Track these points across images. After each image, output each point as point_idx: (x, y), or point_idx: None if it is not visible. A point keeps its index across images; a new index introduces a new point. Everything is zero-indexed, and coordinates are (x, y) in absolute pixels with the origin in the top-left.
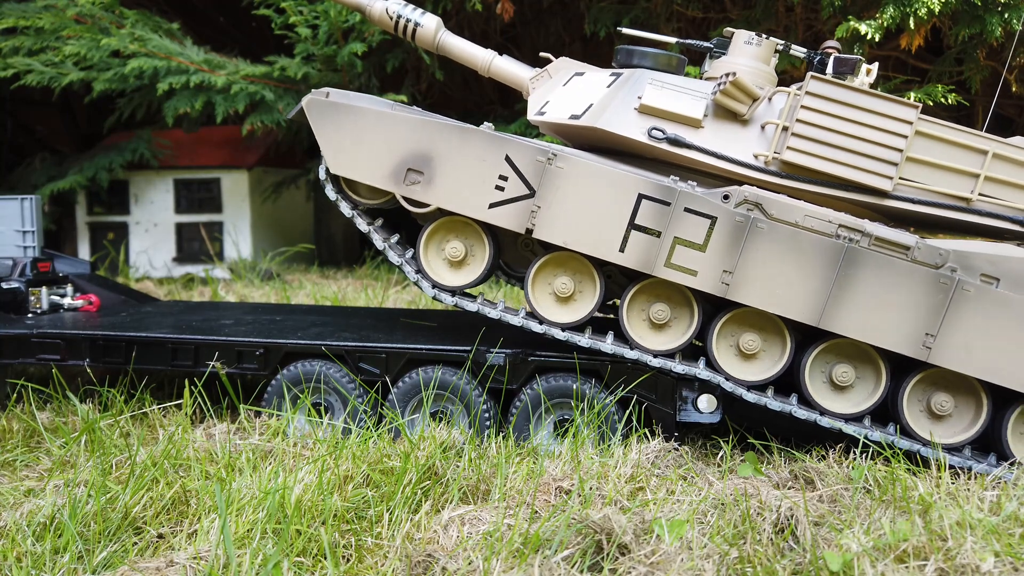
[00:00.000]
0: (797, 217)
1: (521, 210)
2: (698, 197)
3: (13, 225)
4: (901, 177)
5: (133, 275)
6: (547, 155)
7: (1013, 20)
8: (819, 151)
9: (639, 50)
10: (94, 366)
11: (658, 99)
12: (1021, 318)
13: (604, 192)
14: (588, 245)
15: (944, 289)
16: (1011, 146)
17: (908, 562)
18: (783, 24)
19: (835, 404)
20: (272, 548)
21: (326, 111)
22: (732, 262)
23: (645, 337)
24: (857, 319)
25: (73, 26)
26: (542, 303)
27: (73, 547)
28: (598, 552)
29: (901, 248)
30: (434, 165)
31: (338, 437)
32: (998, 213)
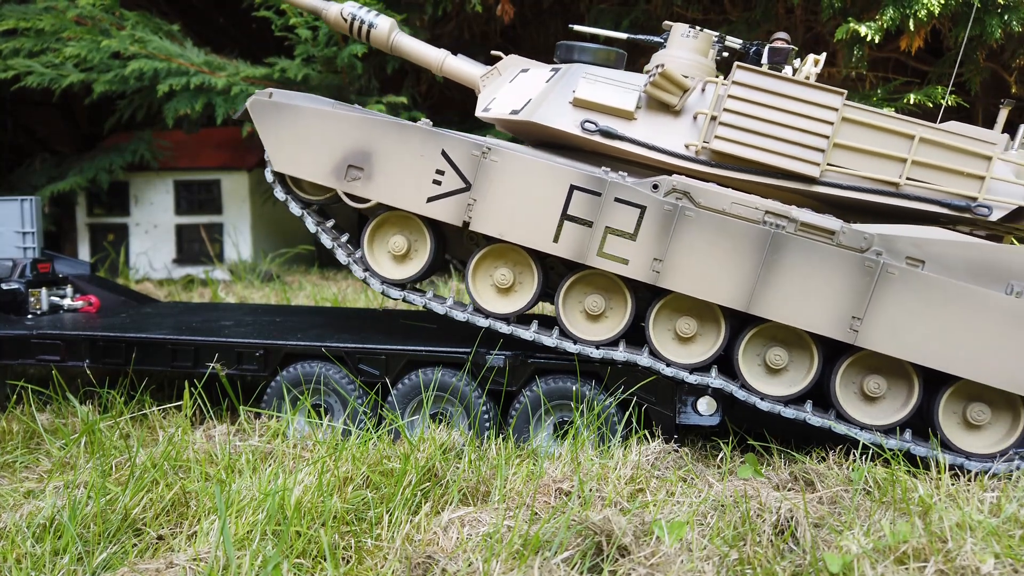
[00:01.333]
0: (724, 204)
1: (458, 203)
2: (628, 187)
3: (13, 226)
4: (829, 163)
5: (133, 276)
6: (482, 149)
7: (1013, 22)
8: (747, 139)
9: (579, 45)
10: (94, 367)
11: (591, 92)
12: (946, 300)
13: (537, 184)
14: (523, 236)
15: (869, 272)
16: (937, 130)
17: (908, 564)
18: (783, 26)
19: (771, 387)
20: (272, 549)
21: (269, 111)
22: (662, 250)
23: (583, 328)
24: (785, 304)
25: (73, 28)
26: (484, 295)
27: (73, 548)
28: (598, 554)
29: (826, 233)
30: (373, 161)
31: (338, 438)
32: (927, 197)
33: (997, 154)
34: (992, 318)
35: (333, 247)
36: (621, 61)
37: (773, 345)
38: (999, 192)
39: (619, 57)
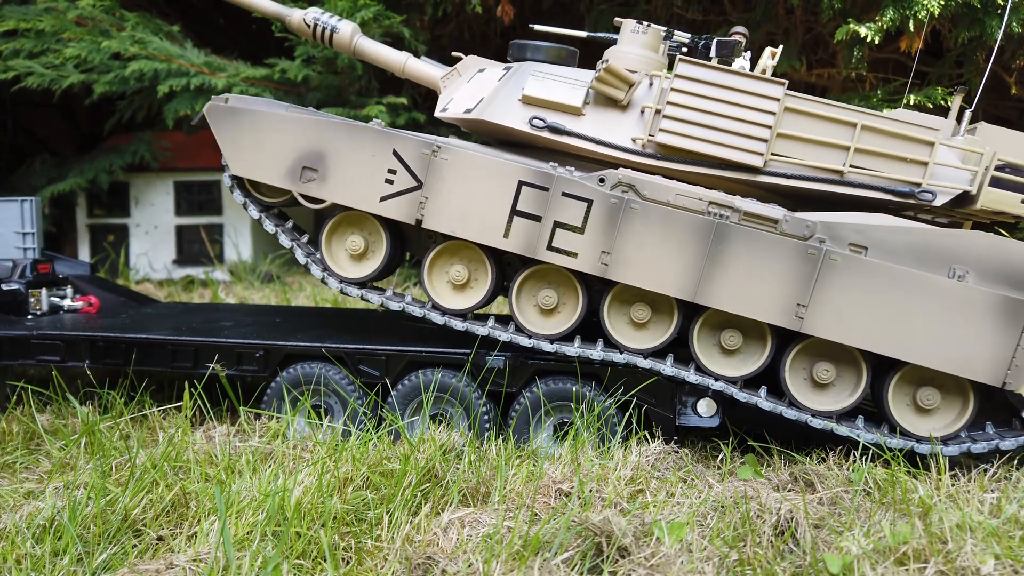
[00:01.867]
0: (669, 196)
1: (410, 201)
2: (575, 181)
3: (13, 227)
4: (773, 153)
5: (133, 277)
6: (432, 147)
7: (1013, 23)
8: (691, 131)
9: (531, 44)
10: (94, 368)
11: (539, 89)
12: (889, 285)
13: (487, 181)
14: (474, 233)
15: (812, 260)
16: (879, 117)
17: (908, 564)
18: (783, 26)
19: (725, 369)
20: (272, 550)
21: (226, 116)
22: (610, 243)
23: (537, 323)
24: (730, 292)
25: (73, 28)
26: (440, 292)
27: (73, 549)
28: (598, 554)
29: (769, 222)
30: (327, 162)
31: (338, 439)
32: (871, 184)
33: (940, 140)
34: (935, 302)
35: (292, 247)
36: (573, 58)
37: (728, 329)
38: (943, 177)
39: (571, 55)
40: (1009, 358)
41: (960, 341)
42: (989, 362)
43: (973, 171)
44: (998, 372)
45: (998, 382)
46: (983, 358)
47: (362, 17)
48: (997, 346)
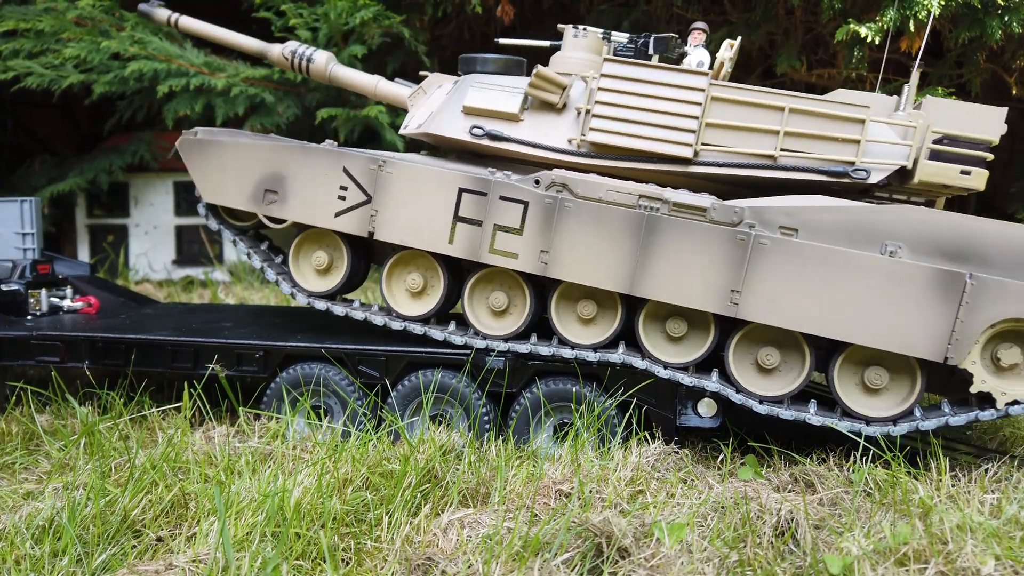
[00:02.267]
0: (600, 193)
1: (362, 215)
2: (511, 184)
3: (13, 227)
4: (703, 143)
5: (133, 277)
6: (378, 162)
7: (1013, 23)
8: (620, 128)
9: (479, 57)
10: (93, 368)
11: (478, 99)
12: (822, 265)
13: (430, 190)
14: (422, 241)
15: (742, 245)
16: (806, 99)
17: (908, 565)
18: (783, 27)
19: (671, 356)
20: (271, 551)
21: (195, 148)
22: (547, 242)
23: (490, 324)
24: (665, 283)
25: (73, 28)
26: (399, 300)
27: (72, 550)
28: (598, 555)
29: (698, 210)
30: (286, 184)
31: (337, 440)
32: (804, 166)
33: (870, 117)
34: (869, 280)
35: (262, 268)
36: (520, 68)
37: (673, 318)
38: (878, 154)
39: (517, 64)
40: (949, 332)
41: (898, 318)
42: (929, 337)
43: (908, 145)
44: (939, 347)
45: (939, 357)
46: (923, 334)
47: (362, 17)
48: (936, 320)
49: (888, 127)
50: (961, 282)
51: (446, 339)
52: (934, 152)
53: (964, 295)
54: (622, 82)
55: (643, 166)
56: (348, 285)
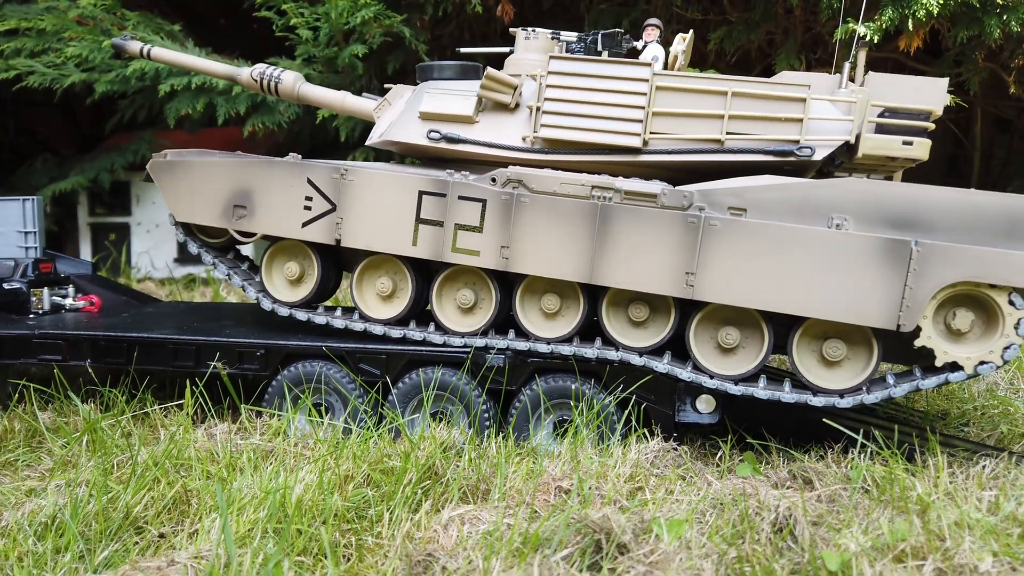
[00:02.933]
0: (554, 186)
1: (328, 224)
2: (468, 184)
3: (15, 226)
4: (652, 132)
5: (135, 276)
6: (339, 171)
7: (1012, 22)
8: (569, 123)
9: (436, 64)
10: (96, 366)
11: (434, 104)
12: (772, 243)
13: (391, 195)
14: (386, 245)
15: (693, 228)
16: (747, 82)
17: (906, 562)
18: (782, 26)
19: (634, 340)
20: (273, 547)
21: (165, 170)
22: (507, 237)
23: (458, 321)
24: (621, 270)
25: (75, 28)
26: (370, 304)
27: (75, 546)
28: (597, 551)
29: (649, 197)
30: (254, 198)
31: (339, 437)
32: (751, 148)
33: (810, 95)
34: (819, 254)
35: (243, 286)
36: (477, 73)
37: (635, 303)
38: (821, 131)
39: (474, 69)
40: (899, 299)
41: (849, 289)
42: (881, 306)
43: (850, 120)
44: (891, 315)
45: (892, 325)
46: (874, 303)
47: (362, 16)
48: (886, 289)
49: (831, 104)
50: (907, 249)
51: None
52: (877, 126)
53: (911, 262)
54: (569, 78)
55: (594, 158)
56: (320, 293)
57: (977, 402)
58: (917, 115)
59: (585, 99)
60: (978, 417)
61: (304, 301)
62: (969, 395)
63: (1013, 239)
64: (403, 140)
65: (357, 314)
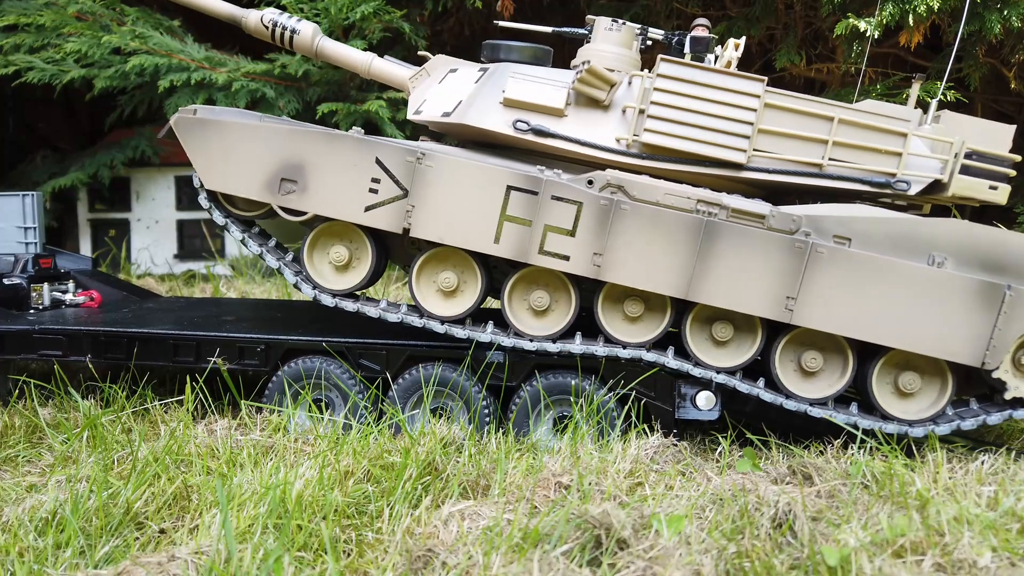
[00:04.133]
0: (658, 196)
1: (396, 211)
2: (564, 184)
3: (15, 221)
4: (755, 149)
5: (135, 272)
6: (416, 155)
7: (1012, 17)
8: (675, 130)
9: (504, 44)
10: (96, 362)
11: (520, 91)
12: (873, 274)
13: (474, 186)
14: (464, 239)
15: (799, 253)
16: (855, 110)
17: (905, 557)
18: (783, 22)
19: (716, 359)
20: (273, 543)
21: (195, 129)
22: (601, 244)
23: (528, 323)
24: (721, 288)
25: (74, 23)
26: (428, 299)
27: (75, 542)
28: (597, 547)
29: (757, 217)
30: (307, 173)
31: (339, 433)
32: (849, 176)
33: (912, 131)
34: (917, 289)
35: (262, 253)
36: (548, 57)
37: (719, 322)
38: (917, 167)
39: (546, 54)
40: (987, 339)
41: (941, 325)
42: (969, 344)
43: (944, 160)
44: (977, 353)
45: (978, 362)
46: (963, 340)
47: (362, 12)
48: (976, 328)
49: (922, 140)
50: (1001, 293)
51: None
52: (964, 167)
53: (1003, 305)
54: (678, 83)
55: (694, 169)
56: (369, 283)
57: None
58: (1002, 161)
59: (693, 108)
60: None
61: (353, 290)
62: None
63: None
64: (482, 126)
65: (406, 307)
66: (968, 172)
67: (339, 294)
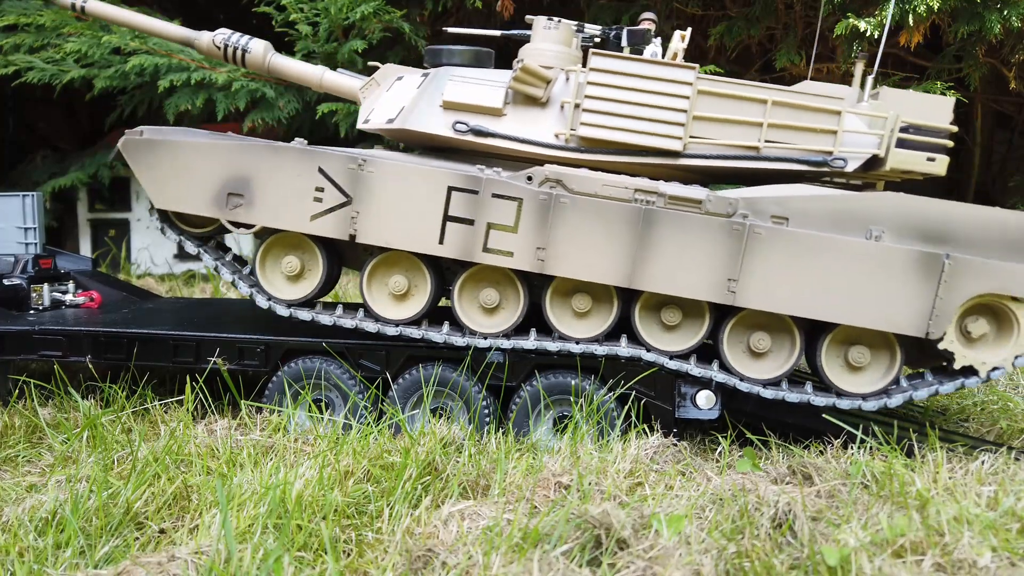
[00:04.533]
0: (596, 188)
1: (342, 218)
2: (503, 182)
3: (15, 222)
4: (691, 136)
5: (135, 272)
6: (358, 162)
7: (1012, 17)
8: (610, 122)
9: (445, 49)
10: (96, 362)
11: (458, 93)
12: (813, 252)
13: (416, 189)
14: (409, 242)
15: (738, 235)
16: (788, 91)
17: (905, 557)
18: (783, 21)
19: (667, 344)
20: (273, 543)
21: (142, 149)
22: (543, 239)
23: (479, 321)
24: (664, 275)
25: (74, 23)
26: (380, 303)
27: (75, 542)
28: (597, 547)
29: (694, 203)
30: (252, 186)
31: (339, 433)
32: (786, 156)
33: (846, 108)
34: (856, 264)
35: (217, 267)
36: (490, 59)
37: (668, 307)
38: (853, 143)
39: (487, 56)
40: (930, 309)
41: (883, 298)
42: (912, 315)
43: (880, 135)
44: (921, 323)
45: (922, 332)
46: (906, 311)
47: (362, 12)
48: (917, 299)
49: (858, 117)
50: (939, 262)
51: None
52: (901, 140)
53: (943, 274)
54: (610, 76)
55: (632, 159)
56: (323, 291)
57: (976, 398)
58: (938, 132)
59: (627, 99)
60: (977, 413)
61: (306, 299)
62: (969, 391)
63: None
64: (423, 130)
65: (362, 312)
66: (905, 145)
67: (294, 303)
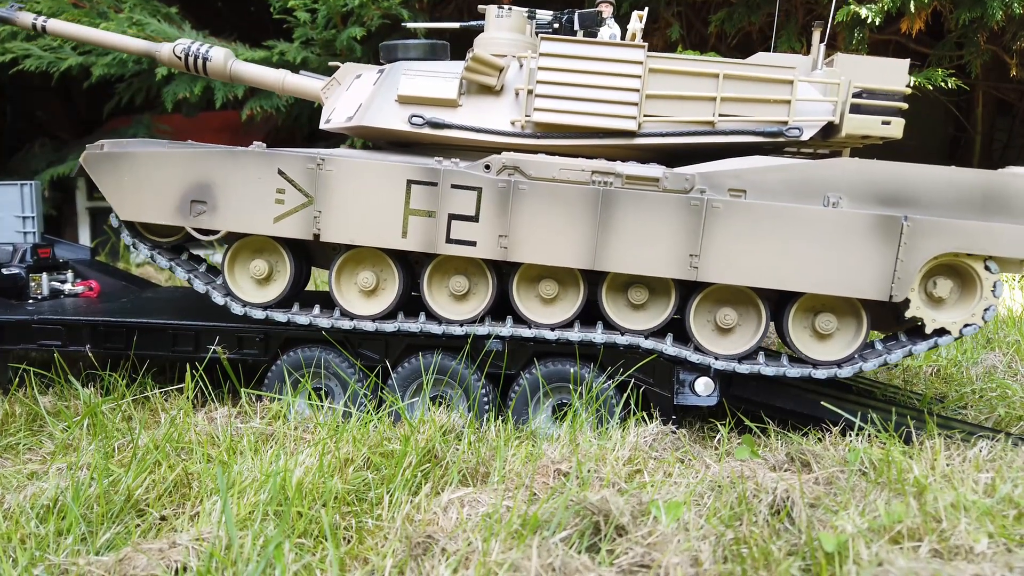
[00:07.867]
0: (553, 172)
1: (304, 218)
2: (461, 172)
3: (13, 211)
4: (645, 114)
5: (133, 261)
6: (316, 161)
7: (1014, 4)
8: (563, 106)
9: (401, 43)
10: (95, 351)
11: (413, 87)
12: (771, 222)
13: (375, 185)
14: (372, 238)
15: (696, 210)
16: (738, 64)
17: (902, 543)
18: (784, 8)
19: (635, 323)
20: (273, 530)
21: (103, 162)
22: (505, 226)
23: (450, 309)
24: (625, 254)
25: (71, 10)
26: (350, 300)
27: (76, 529)
28: (596, 533)
29: (651, 181)
30: (215, 192)
31: (338, 421)
32: (742, 129)
33: (798, 77)
34: (815, 231)
35: (190, 279)
36: (445, 52)
37: (634, 287)
38: (807, 112)
39: (443, 48)
40: (891, 272)
41: (844, 264)
42: (874, 279)
43: (834, 101)
44: (884, 287)
45: (885, 296)
46: (868, 276)
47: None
48: (878, 262)
49: (811, 85)
50: (898, 224)
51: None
52: (855, 106)
53: (902, 236)
54: (561, 60)
55: (588, 142)
56: (292, 292)
57: (975, 385)
58: (891, 96)
59: (579, 82)
60: (976, 400)
61: (276, 301)
62: (967, 378)
63: (987, 211)
64: (380, 125)
65: (338, 311)
66: (859, 111)
67: (268, 306)
